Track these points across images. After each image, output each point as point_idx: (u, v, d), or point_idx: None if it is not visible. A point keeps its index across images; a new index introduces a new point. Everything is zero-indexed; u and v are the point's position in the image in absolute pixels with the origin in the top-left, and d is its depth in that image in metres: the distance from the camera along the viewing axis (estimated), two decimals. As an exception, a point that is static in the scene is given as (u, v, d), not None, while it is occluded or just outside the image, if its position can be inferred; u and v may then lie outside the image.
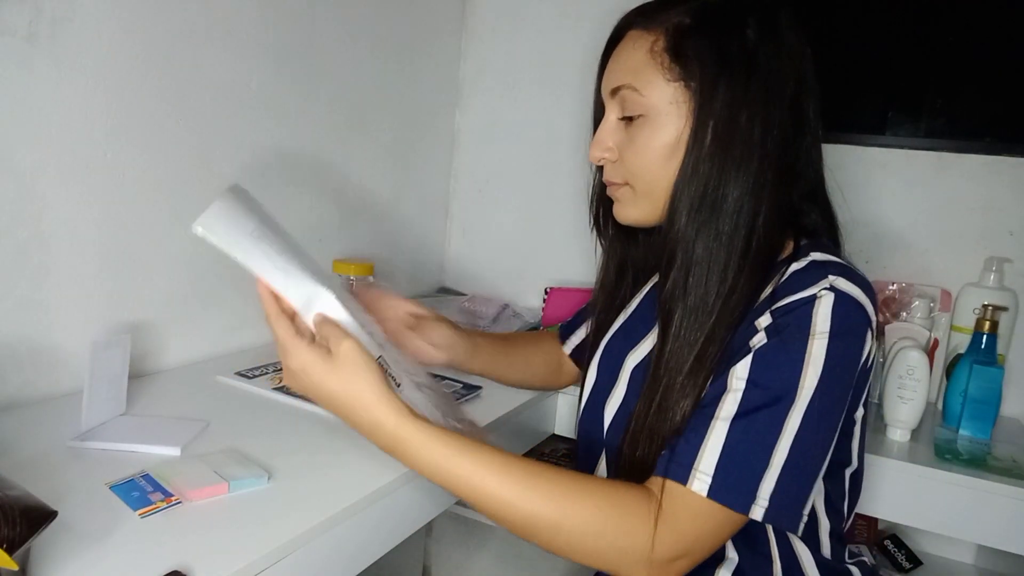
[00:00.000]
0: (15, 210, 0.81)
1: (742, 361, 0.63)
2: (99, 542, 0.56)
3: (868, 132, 1.29)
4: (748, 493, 0.59)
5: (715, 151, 0.66)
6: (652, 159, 0.70)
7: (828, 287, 0.62)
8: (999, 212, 1.22)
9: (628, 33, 0.72)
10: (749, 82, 0.66)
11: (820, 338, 0.61)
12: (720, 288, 0.65)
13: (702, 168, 0.66)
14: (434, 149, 1.58)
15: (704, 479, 0.60)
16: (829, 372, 0.60)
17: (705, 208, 0.66)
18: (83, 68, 0.84)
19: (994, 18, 1.20)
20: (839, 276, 0.63)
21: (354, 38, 1.26)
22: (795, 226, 0.72)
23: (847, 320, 0.61)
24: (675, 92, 0.68)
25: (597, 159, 0.75)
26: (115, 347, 0.79)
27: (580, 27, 1.47)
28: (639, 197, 0.73)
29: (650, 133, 0.69)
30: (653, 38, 0.69)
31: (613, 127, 0.73)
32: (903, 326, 1.18)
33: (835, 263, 0.65)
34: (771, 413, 0.60)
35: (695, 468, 0.60)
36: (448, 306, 1.43)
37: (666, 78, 0.68)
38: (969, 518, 0.95)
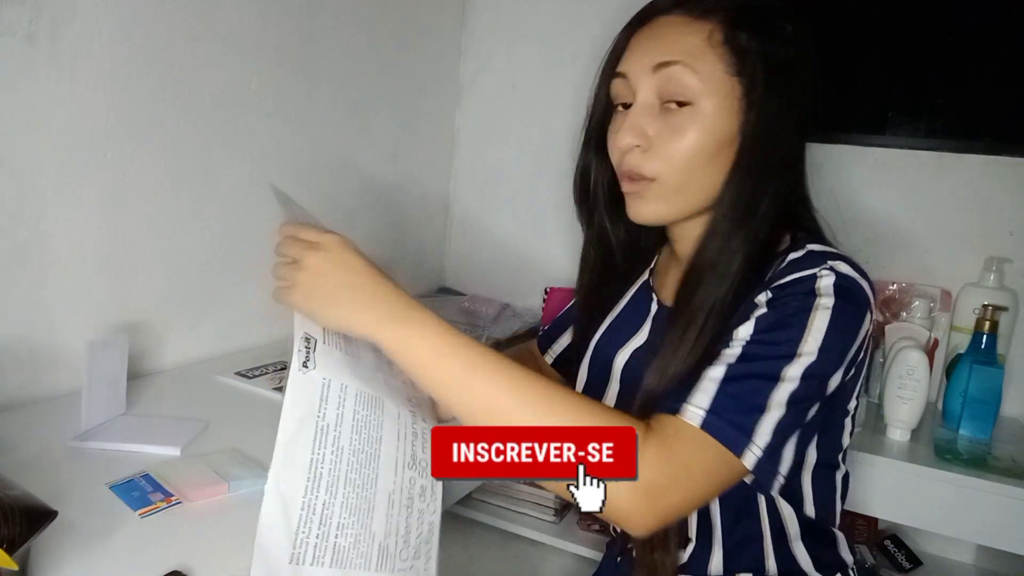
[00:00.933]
0: (15, 210, 0.80)
1: (743, 324, 0.62)
2: (99, 542, 0.56)
3: (868, 132, 1.29)
4: (743, 433, 0.57)
5: (760, 157, 0.65)
6: (697, 155, 0.65)
7: (828, 267, 0.62)
8: (999, 212, 1.22)
9: (664, 18, 0.68)
10: (792, 85, 0.66)
11: (823, 308, 0.60)
12: (730, 288, 0.65)
13: (751, 172, 0.65)
14: (434, 149, 1.58)
15: (698, 411, 0.58)
16: (830, 337, 0.59)
17: (749, 217, 0.65)
18: (83, 68, 0.84)
19: (994, 18, 1.20)
20: (839, 261, 0.63)
21: (354, 38, 1.26)
22: (790, 221, 0.72)
23: (849, 293, 0.61)
24: (731, 87, 0.65)
25: (627, 146, 0.67)
26: (112, 346, 0.79)
27: (580, 27, 1.47)
28: (669, 193, 0.68)
29: (699, 126, 0.65)
30: (709, 27, 0.66)
31: (649, 112, 0.67)
32: (903, 326, 1.18)
33: (833, 252, 0.65)
34: (770, 365, 0.59)
35: (688, 403, 0.58)
36: (448, 306, 1.43)
37: (726, 71, 0.65)
38: (969, 518, 0.95)
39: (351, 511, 0.59)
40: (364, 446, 0.62)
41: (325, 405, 0.61)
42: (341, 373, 0.64)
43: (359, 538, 0.59)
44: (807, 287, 0.62)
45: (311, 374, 0.62)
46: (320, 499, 0.57)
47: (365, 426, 0.63)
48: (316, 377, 0.62)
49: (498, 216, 1.62)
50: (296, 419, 0.59)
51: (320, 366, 0.62)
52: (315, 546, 0.56)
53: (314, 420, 0.60)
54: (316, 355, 0.63)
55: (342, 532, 0.58)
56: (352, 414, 0.63)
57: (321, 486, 0.58)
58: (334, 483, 0.59)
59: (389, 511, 0.62)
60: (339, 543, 0.57)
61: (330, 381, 0.62)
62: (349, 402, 0.63)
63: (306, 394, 0.61)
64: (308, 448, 0.58)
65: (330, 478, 0.59)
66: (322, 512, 0.57)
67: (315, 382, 0.61)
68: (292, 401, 0.59)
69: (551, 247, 1.55)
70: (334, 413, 0.61)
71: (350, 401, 0.63)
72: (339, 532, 0.57)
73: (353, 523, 0.59)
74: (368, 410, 0.64)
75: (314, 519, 0.57)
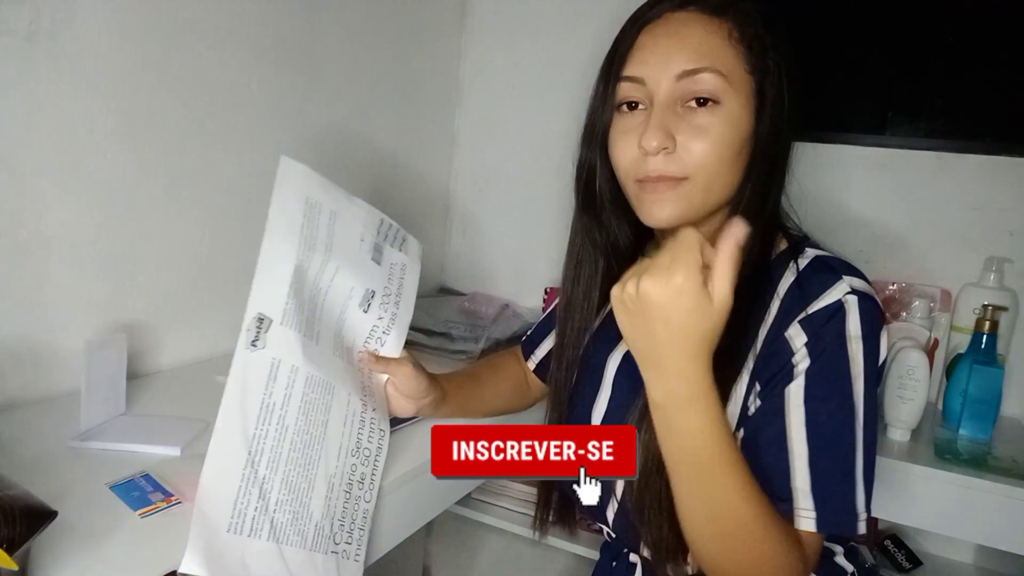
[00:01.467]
0: (15, 210, 0.80)
1: (794, 384, 0.62)
2: (99, 542, 0.56)
3: (868, 132, 1.29)
4: (852, 514, 0.61)
5: (773, 152, 0.67)
6: (726, 153, 0.66)
7: (849, 290, 0.63)
8: (999, 212, 1.22)
9: (677, 14, 0.67)
10: (792, 84, 0.67)
11: (856, 342, 0.62)
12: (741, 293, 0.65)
13: (763, 170, 0.67)
14: (434, 149, 1.58)
15: (810, 516, 0.61)
16: (868, 376, 0.62)
17: (759, 213, 0.67)
18: (83, 68, 0.84)
19: (994, 18, 1.20)
20: (851, 276, 0.64)
21: (354, 38, 1.26)
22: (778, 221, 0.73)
23: (873, 321, 0.63)
24: (751, 85, 0.67)
25: (655, 149, 0.65)
26: (110, 346, 0.79)
27: (580, 27, 1.47)
28: (696, 192, 0.66)
29: (728, 124, 0.65)
30: (728, 25, 0.66)
31: (671, 111, 0.66)
32: (903, 326, 1.18)
33: (839, 260, 0.67)
34: (839, 428, 0.61)
35: (799, 509, 0.61)
36: (448, 306, 1.43)
37: (746, 69, 0.66)
38: (969, 518, 0.95)
39: (291, 489, 0.61)
40: (310, 428, 0.65)
41: (273, 384, 0.64)
42: (293, 354, 0.67)
43: (297, 515, 0.61)
44: (838, 323, 0.62)
45: (260, 353, 0.65)
46: (261, 473, 0.59)
47: (313, 408, 0.66)
48: (266, 356, 0.65)
49: (498, 216, 1.62)
50: (239, 394, 0.62)
51: (271, 346, 0.65)
52: (253, 518, 0.58)
53: (260, 397, 0.63)
54: (268, 335, 0.65)
55: (280, 508, 0.60)
56: (301, 396, 0.65)
57: (262, 461, 0.60)
58: (276, 460, 0.61)
59: (328, 494, 0.64)
60: (277, 518, 0.59)
61: (280, 361, 0.65)
62: (299, 384, 0.66)
63: (253, 371, 0.63)
64: (252, 423, 0.61)
65: (272, 455, 0.61)
66: (262, 486, 0.59)
67: (264, 360, 0.64)
68: (237, 377, 0.62)
69: (551, 247, 1.55)
70: (282, 393, 0.64)
71: (300, 383, 0.66)
72: (278, 508, 0.59)
73: (292, 500, 0.61)
74: (317, 393, 0.67)
75: (254, 491, 0.59)
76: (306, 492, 0.63)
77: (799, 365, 0.62)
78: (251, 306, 0.67)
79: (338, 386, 0.71)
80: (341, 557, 0.63)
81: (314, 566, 0.60)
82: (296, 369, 0.67)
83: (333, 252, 0.76)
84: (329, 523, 0.63)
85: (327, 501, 0.64)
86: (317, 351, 0.71)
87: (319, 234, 0.76)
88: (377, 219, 0.84)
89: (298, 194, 0.76)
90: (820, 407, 0.62)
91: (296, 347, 0.68)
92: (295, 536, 0.60)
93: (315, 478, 0.64)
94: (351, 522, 0.66)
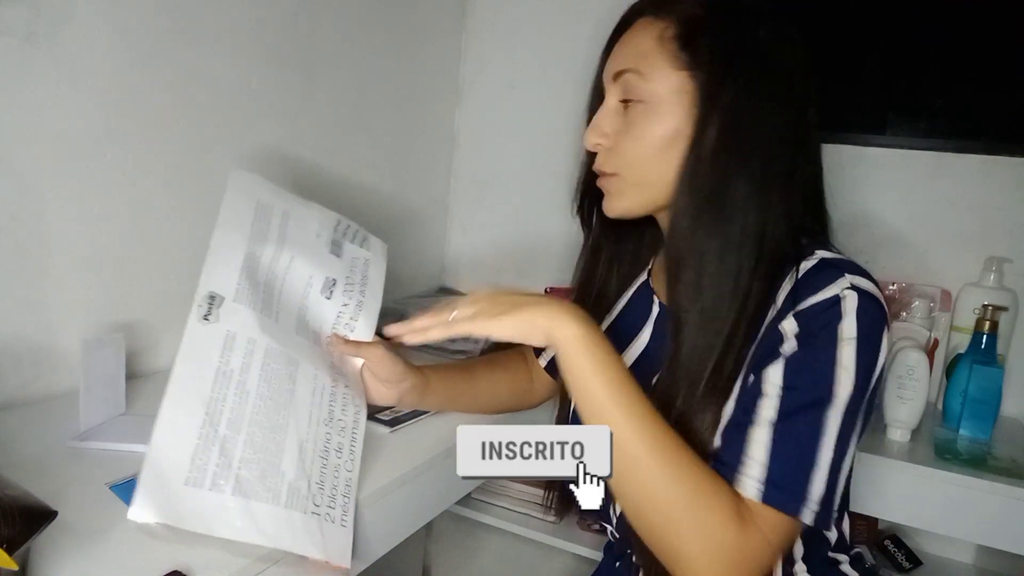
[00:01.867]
0: (15, 210, 0.80)
1: (773, 366, 0.62)
2: (99, 542, 0.56)
3: (868, 132, 1.29)
4: (801, 500, 0.59)
5: (719, 147, 0.64)
6: (647, 148, 0.68)
7: (849, 286, 0.61)
8: (999, 212, 1.22)
9: (638, 20, 0.71)
10: (758, 79, 0.65)
11: (849, 343, 0.60)
12: (734, 293, 0.64)
13: (705, 165, 0.65)
14: (434, 149, 1.58)
15: (755, 485, 0.60)
16: (859, 374, 0.60)
17: (712, 209, 0.65)
18: (82, 68, 0.84)
19: (993, 18, 1.20)
20: (855, 275, 0.63)
21: (354, 38, 1.26)
22: (796, 226, 0.71)
23: (871, 322, 0.61)
24: (680, 81, 0.66)
25: (592, 144, 0.72)
26: (108, 346, 0.78)
27: (580, 26, 1.46)
28: (628, 187, 0.71)
29: (648, 121, 0.68)
30: (664, 25, 0.68)
31: (612, 113, 0.71)
32: (903, 326, 1.18)
33: (846, 261, 0.65)
34: (810, 416, 0.60)
35: (743, 474, 0.60)
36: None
37: (672, 66, 0.67)
38: (969, 518, 0.95)
39: (256, 449, 0.61)
40: (274, 395, 0.66)
41: (230, 353, 0.66)
42: (249, 328, 0.68)
43: (266, 473, 0.61)
44: (834, 317, 0.61)
45: (213, 326, 0.66)
46: (221, 432, 0.60)
47: (276, 377, 0.67)
48: (220, 329, 0.66)
49: (498, 216, 1.62)
50: (192, 360, 0.64)
51: (224, 320, 0.67)
52: (214, 473, 0.58)
53: (215, 365, 0.64)
54: (220, 311, 0.67)
55: (246, 465, 0.60)
56: (261, 365, 0.67)
57: (222, 421, 0.61)
58: (237, 421, 0.62)
59: (301, 457, 0.64)
60: (242, 475, 0.59)
61: (236, 334, 0.67)
62: (258, 355, 0.67)
63: (206, 341, 0.65)
64: (208, 387, 0.62)
65: (232, 415, 0.62)
66: (222, 444, 0.60)
67: (218, 333, 0.66)
68: (188, 345, 0.65)
69: (551, 247, 1.55)
70: (240, 361, 0.65)
71: (259, 354, 0.67)
72: (242, 465, 0.60)
73: (259, 459, 0.61)
74: (280, 364, 0.68)
75: (213, 449, 0.59)
76: (275, 453, 0.62)
77: (785, 349, 0.62)
78: (201, 286, 0.68)
79: (303, 361, 0.71)
80: (324, 520, 0.62)
81: (291, 524, 0.59)
82: (254, 341, 0.67)
83: (287, 244, 0.77)
84: (306, 484, 0.62)
85: (300, 463, 0.63)
86: (276, 328, 0.71)
87: (271, 229, 0.76)
88: (334, 219, 0.85)
89: (248, 197, 0.77)
90: (795, 395, 0.61)
91: (252, 322, 0.68)
92: (265, 493, 0.59)
93: (284, 441, 0.63)
94: (332, 487, 0.65)
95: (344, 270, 0.81)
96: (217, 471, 0.58)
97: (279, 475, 0.61)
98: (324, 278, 0.79)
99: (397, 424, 0.85)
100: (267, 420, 0.64)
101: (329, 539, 0.61)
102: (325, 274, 0.79)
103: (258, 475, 0.60)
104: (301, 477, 0.62)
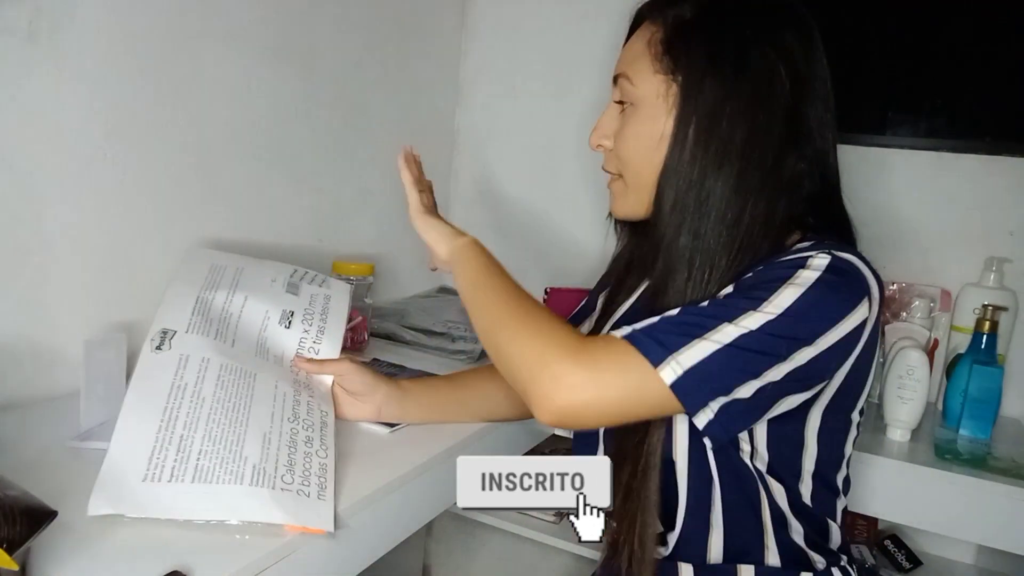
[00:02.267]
0: (15, 210, 0.80)
1: (726, 288, 0.63)
2: (99, 542, 0.56)
3: (868, 132, 1.29)
4: (663, 347, 0.58)
5: (696, 148, 0.65)
6: (636, 149, 0.70)
7: (827, 251, 0.62)
8: (999, 212, 1.22)
9: (643, 23, 0.72)
10: (736, 82, 0.65)
11: (800, 281, 0.59)
12: (705, 292, 0.64)
13: (682, 164, 0.66)
14: (434, 149, 1.58)
15: (630, 329, 0.61)
16: (800, 307, 0.58)
17: (686, 206, 0.65)
18: (83, 68, 0.84)
19: (994, 18, 1.20)
20: (848, 254, 0.63)
21: (354, 38, 1.26)
22: (801, 227, 0.70)
23: (839, 274, 0.60)
24: (661, 85, 0.68)
25: (594, 145, 0.75)
26: (110, 346, 0.78)
27: (580, 26, 1.47)
28: (629, 190, 0.73)
29: (636, 123, 0.70)
30: (655, 29, 0.69)
31: (612, 115, 0.73)
32: (903, 326, 1.18)
33: (838, 244, 0.65)
34: (723, 311, 0.60)
35: (627, 326, 0.62)
36: (448, 306, 1.43)
37: (654, 69, 0.68)
38: (969, 518, 0.95)
39: (215, 441, 0.64)
40: (231, 398, 0.69)
41: (183, 370, 0.69)
42: (203, 350, 0.72)
43: (225, 460, 0.63)
44: (795, 262, 0.61)
45: (166, 353, 0.70)
46: (177, 433, 0.63)
47: (232, 385, 0.70)
48: (172, 355, 0.70)
49: (498, 216, 1.62)
50: (146, 378, 0.67)
51: (176, 348, 0.71)
52: (172, 468, 0.61)
53: (170, 381, 0.68)
54: (173, 342, 0.72)
55: (204, 456, 0.62)
56: (216, 376, 0.70)
57: (178, 424, 0.64)
58: (193, 422, 0.65)
59: (265, 444, 0.66)
60: (201, 464, 0.62)
61: (188, 356, 0.71)
62: (212, 370, 0.71)
63: (160, 366, 0.69)
64: (163, 399, 0.66)
65: (188, 418, 0.65)
66: (179, 443, 0.63)
67: (171, 358, 0.70)
68: (141, 370, 0.68)
69: (551, 248, 1.55)
70: (194, 375, 0.69)
71: (213, 369, 0.71)
72: (200, 456, 0.62)
73: (219, 450, 0.63)
74: (235, 376, 0.72)
75: (170, 448, 0.62)
76: (235, 443, 0.64)
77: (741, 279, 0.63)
78: (154, 325, 0.73)
79: (261, 373, 0.74)
80: (297, 494, 0.62)
81: (259, 499, 0.60)
82: (208, 360, 0.71)
83: (240, 289, 0.82)
84: (273, 466, 0.63)
85: (264, 450, 0.65)
86: (232, 351, 0.75)
87: (223, 280, 0.82)
88: (290, 269, 0.90)
89: (202, 262, 0.84)
90: (719, 301, 0.61)
91: (205, 345, 0.73)
92: (226, 476, 0.61)
93: (245, 433, 0.65)
94: (304, 469, 0.65)
95: (302, 304, 0.86)
96: (176, 465, 0.61)
97: (241, 459, 0.63)
98: (281, 311, 0.83)
99: (397, 424, 0.85)
100: (225, 418, 0.66)
101: (304, 508, 0.61)
102: (282, 307, 0.84)
103: (218, 462, 0.62)
104: (268, 460, 0.64)
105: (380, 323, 1.25)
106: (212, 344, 0.73)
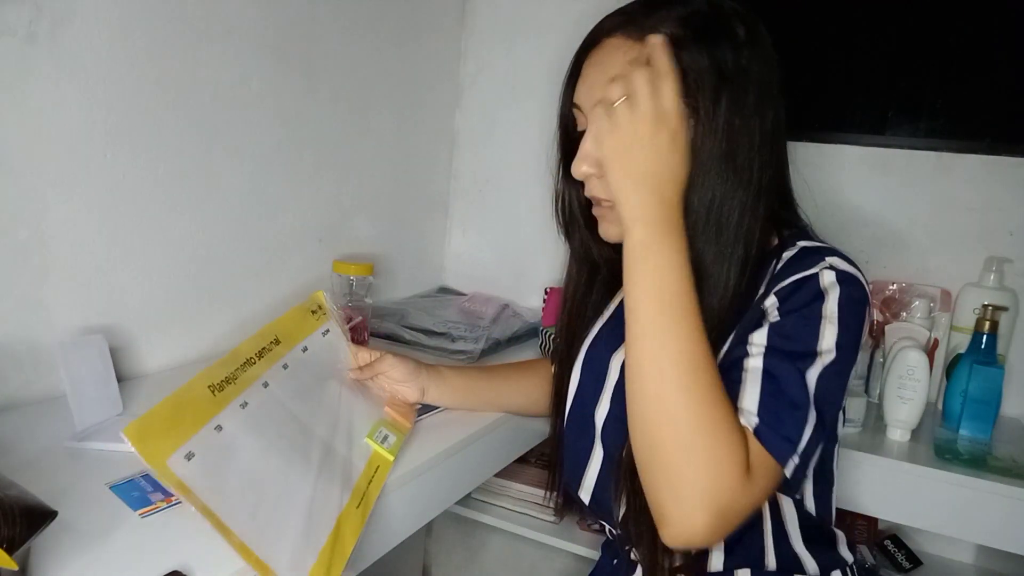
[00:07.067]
0: (15, 210, 0.80)
1: (758, 331, 0.64)
2: (99, 542, 0.56)
3: (868, 132, 1.29)
4: (790, 444, 0.60)
5: (720, 167, 0.65)
6: None
7: (828, 266, 0.65)
8: (999, 212, 1.22)
9: (608, 40, 0.70)
10: (746, 93, 0.65)
11: (830, 311, 0.63)
12: (724, 300, 0.65)
13: (708, 184, 0.65)
14: (434, 149, 1.58)
15: (751, 417, 0.60)
16: (843, 334, 0.62)
17: (711, 225, 0.66)
18: (83, 68, 0.84)
19: (994, 18, 1.20)
20: (834, 257, 0.66)
21: (354, 38, 1.26)
22: (775, 222, 0.72)
23: (849, 288, 0.64)
24: None
25: (582, 174, 0.70)
26: (87, 347, 0.78)
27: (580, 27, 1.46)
28: None
29: None
30: (640, 47, 0.66)
31: (592, 142, 0.69)
32: (903, 326, 1.18)
33: (827, 248, 0.68)
34: (794, 367, 0.61)
35: (739, 405, 0.61)
36: (448, 306, 1.43)
37: None
38: (969, 518, 0.95)
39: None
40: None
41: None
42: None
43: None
44: (812, 289, 0.64)
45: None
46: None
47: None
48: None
49: (498, 216, 1.62)
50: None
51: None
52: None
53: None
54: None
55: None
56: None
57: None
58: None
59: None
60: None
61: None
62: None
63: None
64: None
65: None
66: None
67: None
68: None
69: (551, 247, 1.54)
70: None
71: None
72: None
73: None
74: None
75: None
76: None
77: (769, 317, 0.64)
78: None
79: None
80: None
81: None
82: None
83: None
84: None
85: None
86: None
87: None
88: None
89: None
90: (778, 352, 0.62)
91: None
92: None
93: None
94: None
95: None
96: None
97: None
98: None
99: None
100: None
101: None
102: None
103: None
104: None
105: (380, 323, 1.25)
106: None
